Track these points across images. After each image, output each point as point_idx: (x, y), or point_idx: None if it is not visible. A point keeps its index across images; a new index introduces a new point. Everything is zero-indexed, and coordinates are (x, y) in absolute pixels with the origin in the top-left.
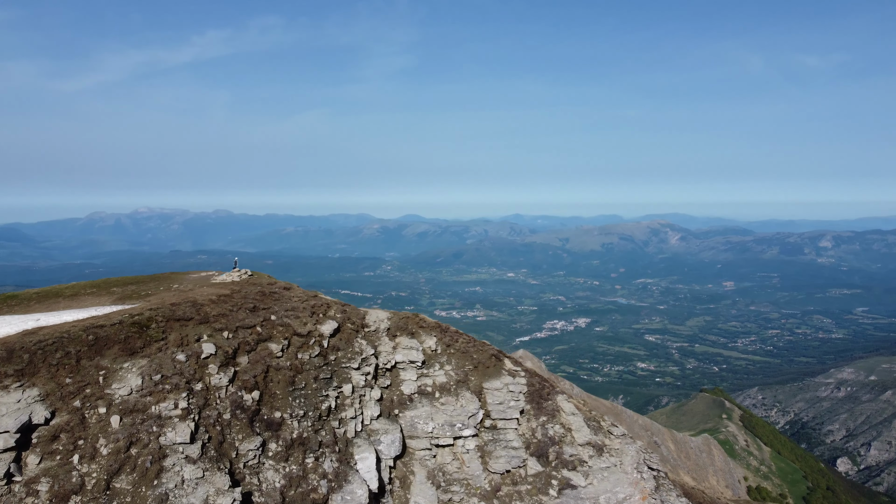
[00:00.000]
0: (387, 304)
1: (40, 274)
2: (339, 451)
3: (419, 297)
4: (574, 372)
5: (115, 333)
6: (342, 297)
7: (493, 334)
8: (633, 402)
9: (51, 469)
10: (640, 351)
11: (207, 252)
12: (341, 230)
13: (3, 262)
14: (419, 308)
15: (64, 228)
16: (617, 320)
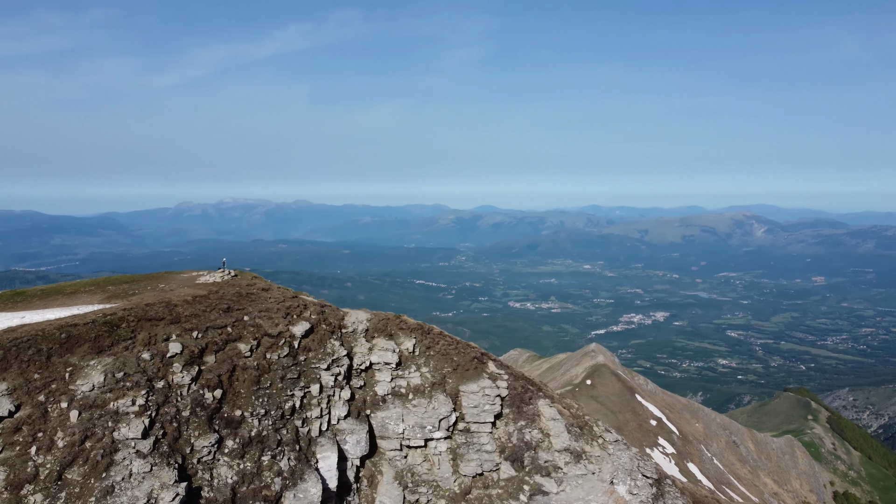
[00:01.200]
0: (461, 295)
1: (133, 261)
2: (300, 450)
3: (493, 288)
4: (651, 367)
5: (87, 332)
6: (417, 288)
7: (567, 326)
8: (713, 399)
9: (9, 459)
10: (721, 347)
11: (287, 241)
12: (417, 220)
13: (100, 249)
14: (493, 299)
15: (155, 218)
16: (697, 315)
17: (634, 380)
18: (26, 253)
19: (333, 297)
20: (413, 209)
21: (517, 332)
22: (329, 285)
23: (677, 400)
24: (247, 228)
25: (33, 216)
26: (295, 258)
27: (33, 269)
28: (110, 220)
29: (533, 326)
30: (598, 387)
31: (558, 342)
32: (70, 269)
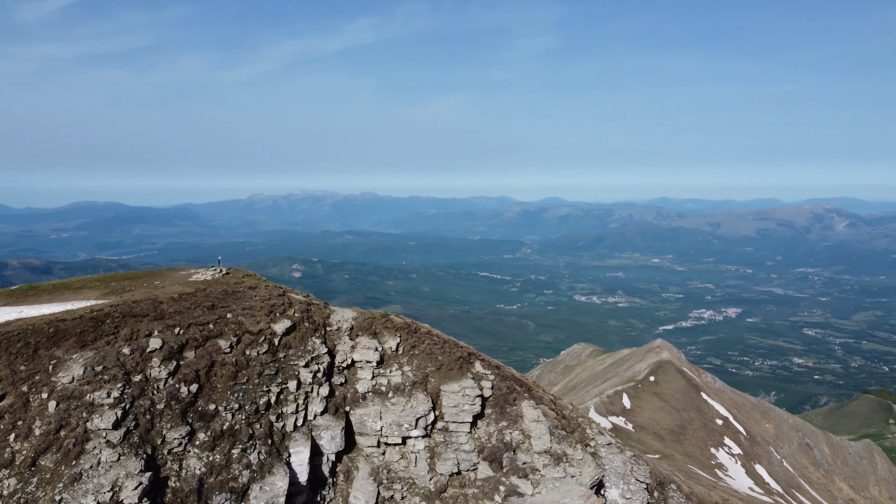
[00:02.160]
0: (525, 288)
1: (208, 250)
2: (272, 444)
3: (558, 282)
4: (721, 364)
5: (73, 327)
6: (481, 280)
7: (634, 321)
8: (787, 399)
9: None
10: (797, 345)
11: (354, 233)
12: (482, 212)
13: (177, 238)
14: (559, 292)
15: (228, 209)
16: (771, 311)
17: (701, 377)
18: (109, 242)
19: (399, 288)
20: (478, 201)
21: (582, 327)
22: (394, 276)
23: (747, 399)
24: (315, 220)
25: (116, 207)
26: (361, 249)
27: (115, 257)
28: (186, 211)
29: (598, 321)
30: (661, 383)
31: (624, 337)
32: (149, 258)
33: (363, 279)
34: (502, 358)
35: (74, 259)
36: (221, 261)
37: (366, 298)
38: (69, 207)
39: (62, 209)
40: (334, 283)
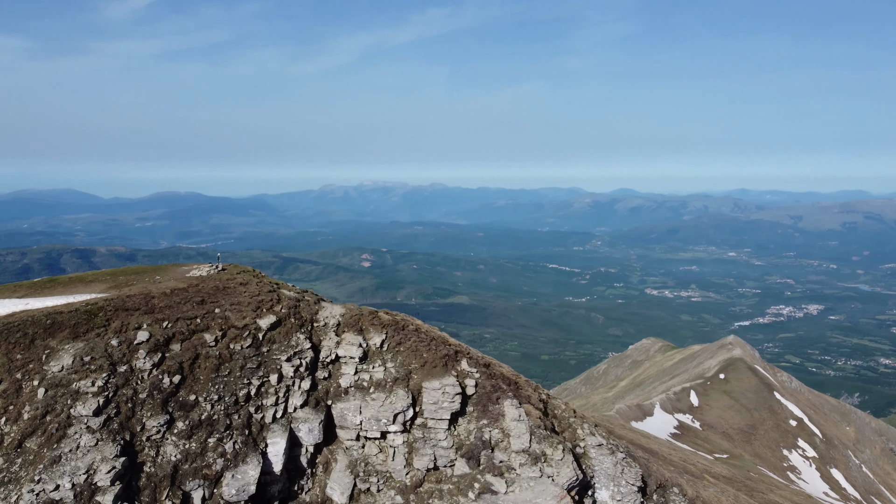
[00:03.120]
0: (595, 281)
1: (281, 240)
2: (249, 435)
3: (629, 275)
4: (801, 363)
5: (69, 319)
6: (550, 272)
7: (708, 316)
8: (871, 402)
9: None
10: (884, 345)
11: (423, 223)
12: (551, 204)
13: (252, 228)
14: (629, 286)
15: (301, 199)
16: (856, 309)
17: (776, 376)
18: (189, 231)
19: (466, 279)
20: (548, 192)
21: (653, 321)
22: (462, 267)
23: (826, 401)
24: (385, 210)
25: (195, 197)
26: (430, 240)
27: (194, 245)
28: (261, 202)
29: (670, 315)
30: (731, 381)
31: (697, 332)
32: (225, 247)
33: (431, 270)
34: (570, 351)
35: (157, 247)
36: (220, 257)
37: (433, 289)
38: (152, 197)
39: (146, 199)
40: (402, 273)
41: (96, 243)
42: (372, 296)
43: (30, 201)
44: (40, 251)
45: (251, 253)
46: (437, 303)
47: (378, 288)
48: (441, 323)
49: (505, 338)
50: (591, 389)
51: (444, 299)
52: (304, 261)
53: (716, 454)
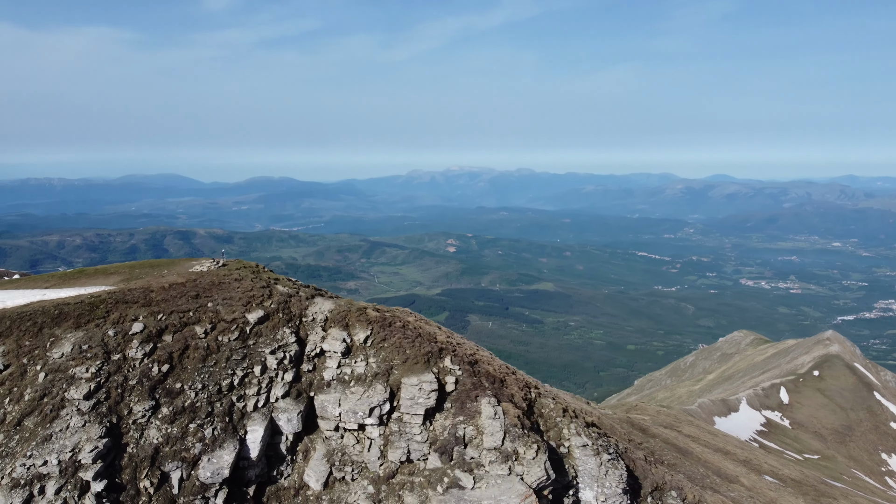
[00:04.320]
0: (686, 270)
1: (368, 224)
2: (229, 422)
3: (723, 264)
4: None
5: (74, 310)
6: (638, 260)
7: (808, 309)
8: None
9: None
10: None
11: (509, 209)
12: (642, 190)
13: (341, 212)
14: (722, 276)
15: (388, 184)
16: None
17: (879, 375)
18: (282, 214)
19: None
20: (638, 178)
21: (747, 313)
22: (548, 254)
23: None
24: (471, 195)
25: (288, 182)
26: (515, 225)
27: (287, 228)
28: (350, 187)
29: (766, 307)
30: (826, 379)
31: (795, 326)
32: (316, 230)
33: (516, 255)
34: (658, 341)
35: (252, 230)
36: (225, 253)
37: (518, 275)
38: (248, 182)
39: (242, 183)
40: (487, 259)
41: (196, 225)
42: (457, 281)
43: (138, 185)
44: (146, 232)
45: (339, 237)
46: (522, 289)
47: (463, 273)
48: (525, 309)
49: (590, 326)
50: (676, 381)
51: (529, 286)
52: (390, 245)
53: (805, 454)
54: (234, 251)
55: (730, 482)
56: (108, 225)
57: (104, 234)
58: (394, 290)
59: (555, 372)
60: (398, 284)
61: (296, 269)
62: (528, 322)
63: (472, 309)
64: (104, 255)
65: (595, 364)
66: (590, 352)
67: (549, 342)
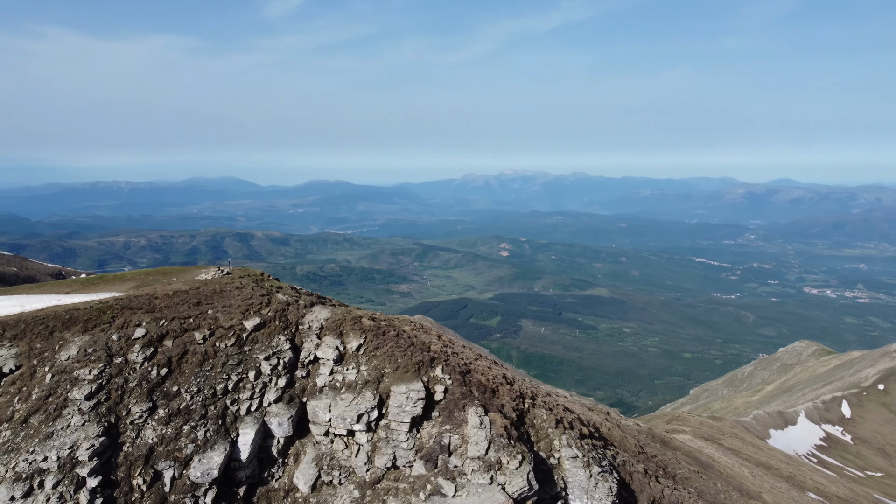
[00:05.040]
0: (746, 277)
1: (422, 227)
2: (222, 424)
3: (785, 271)
4: None
5: (83, 315)
6: (696, 266)
7: (876, 320)
8: None
9: (0, 403)
10: None
11: (563, 213)
12: (700, 194)
13: (395, 216)
14: (785, 283)
15: (442, 188)
16: None
17: None
18: (337, 217)
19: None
20: (697, 182)
21: (810, 322)
22: (602, 259)
23: None
24: (525, 199)
25: (344, 185)
26: (570, 230)
27: (341, 231)
28: (404, 190)
29: (832, 317)
30: (892, 393)
31: (862, 337)
32: (370, 233)
33: (570, 260)
34: (715, 350)
35: (308, 232)
36: (231, 261)
37: (571, 280)
38: (305, 185)
39: (299, 187)
40: (540, 264)
41: (254, 228)
42: (509, 285)
43: (200, 188)
44: (206, 234)
45: (393, 240)
46: (575, 294)
47: (515, 277)
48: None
49: (645, 333)
50: (733, 392)
51: (583, 291)
52: (443, 248)
53: (868, 471)
54: (290, 253)
55: (749, 498)
56: (171, 226)
57: (167, 236)
58: (446, 294)
59: (608, 379)
60: (450, 288)
61: (350, 272)
62: (582, 328)
63: (525, 314)
64: (167, 256)
65: (650, 372)
66: (644, 359)
67: (602, 349)
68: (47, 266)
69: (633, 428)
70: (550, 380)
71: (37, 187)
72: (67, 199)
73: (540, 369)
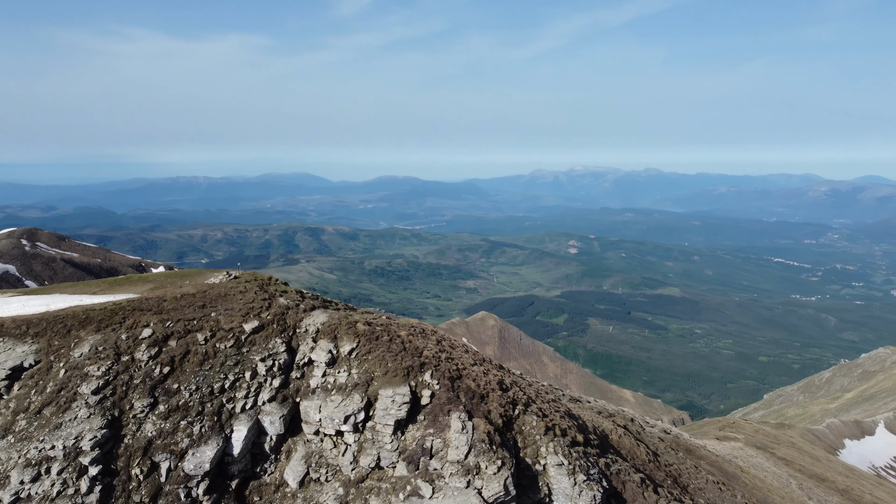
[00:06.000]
0: (828, 278)
1: (490, 223)
2: (217, 421)
3: (871, 273)
4: None
5: (98, 315)
6: (774, 266)
7: None
8: None
9: (19, 395)
10: None
11: (634, 210)
12: (780, 192)
13: (463, 212)
14: (871, 286)
15: (511, 184)
16: None
17: None
18: (405, 213)
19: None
20: (777, 179)
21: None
22: (674, 257)
23: None
24: (595, 196)
25: (412, 181)
26: (641, 227)
27: (409, 227)
28: (473, 186)
29: None
30: None
31: None
32: (437, 229)
33: (640, 259)
34: (793, 354)
35: (376, 227)
36: (240, 266)
37: (642, 279)
38: (375, 181)
39: (369, 182)
40: (610, 262)
41: (325, 222)
42: (577, 283)
43: (273, 184)
44: (279, 228)
45: (460, 236)
46: (645, 293)
47: (584, 275)
48: (648, 314)
49: (718, 335)
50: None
51: (653, 290)
52: (510, 245)
53: None
54: (358, 248)
55: None
56: (246, 221)
57: (242, 230)
58: (512, 291)
59: (678, 381)
60: (517, 285)
61: (417, 267)
62: (651, 328)
63: (593, 312)
64: (241, 249)
65: (722, 375)
66: (717, 362)
67: (672, 349)
68: (128, 258)
69: (655, 435)
70: (618, 380)
71: (122, 182)
72: (150, 194)
73: (607, 369)
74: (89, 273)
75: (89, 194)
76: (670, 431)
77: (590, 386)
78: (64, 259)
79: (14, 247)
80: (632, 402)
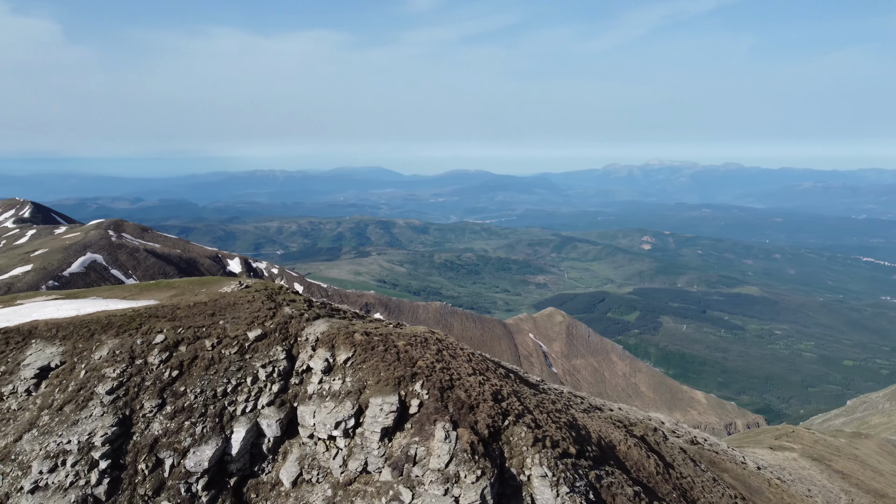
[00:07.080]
0: None
1: (561, 218)
2: (217, 422)
3: None
4: None
5: (118, 321)
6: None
7: None
8: None
9: (45, 392)
10: None
11: (712, 206)
12: (871, 187)
13: (534, 206)
14: None
15: (583, 178)
16: None
17: None
18: (476, 207)
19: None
20: (867, 174)
21: None
22: (754, 255)
23: None
24: (671, 191)
25: (483, 175)
26: (718, 224)
27: (480, 220)
28: (544, 180)
29: None
30: None
31: None
32: (508, 223)
33: (717, 256)
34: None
35: (447, 221)
36: (254, 273)
37: (719, 277)
38: (446, 175)
39: (440, 176)
40: (685, 259)
41: (396, 216)
42: (650, 280)
43: (346, 177)
44: (351, 221)
45: (531, 230)
46: (722, 292)
47: (657, 272)
48: (724, 314)
49: (799, 336)
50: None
51: (731, 289)
52: (581, 240)
53: None
54: (429, 241)
55: None
56: (320, 213)
57: (315, 223)
58: (583, 287)
59: (755, 383)
60: (588, 281)
61: (486, 261)
62: (728, 328)
63: (666, 310)
64: (314, 242)
65: (803, 378)
66: (798, 364)
67: (750, 351)
68: (206, 249)
69: (675, 446)
70: (690, 380)
71: (203, 175)
72: (230, 187)
73: (680, 369)
74: (169, 263)
75: (173, 187)
76: (697, 443)
77: (659, 386)
78: (146, 249)
79: (102, 237)
80: (703, 403)
